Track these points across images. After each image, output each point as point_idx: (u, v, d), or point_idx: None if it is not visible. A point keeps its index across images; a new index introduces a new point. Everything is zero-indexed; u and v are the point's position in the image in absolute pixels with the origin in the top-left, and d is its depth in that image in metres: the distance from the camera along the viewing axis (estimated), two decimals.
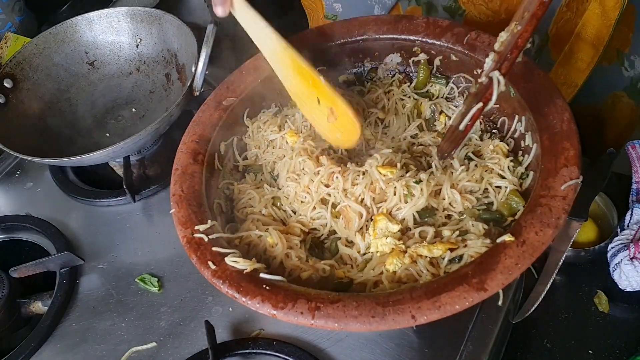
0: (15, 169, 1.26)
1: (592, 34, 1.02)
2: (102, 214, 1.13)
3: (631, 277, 0.91)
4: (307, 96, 0.92)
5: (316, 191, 0.89)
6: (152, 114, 1.24)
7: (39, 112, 1.23)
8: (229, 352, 0.87)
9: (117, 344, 0.93)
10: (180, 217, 0.84)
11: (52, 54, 1.26)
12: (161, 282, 0.99)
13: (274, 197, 0.94)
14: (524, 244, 0.70)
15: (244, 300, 0.73)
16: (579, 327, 0.94)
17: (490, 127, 0.97)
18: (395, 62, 1.07)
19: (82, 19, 1.27)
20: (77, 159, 1.03)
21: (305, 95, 0.92)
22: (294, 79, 0.92)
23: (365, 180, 0.87)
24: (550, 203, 0.73)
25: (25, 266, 1.02)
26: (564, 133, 0.79)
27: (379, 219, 0.83)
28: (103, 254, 1.06)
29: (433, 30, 1.01)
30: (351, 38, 1.06)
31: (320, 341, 0.86)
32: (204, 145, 0.95)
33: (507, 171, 0.86)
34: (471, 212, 0.84)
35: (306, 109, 0.96)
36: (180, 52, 1.22)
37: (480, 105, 0.76)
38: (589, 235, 1.01)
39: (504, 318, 0.84)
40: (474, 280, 0.68)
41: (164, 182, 1.12)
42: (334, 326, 0.68)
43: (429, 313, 0.67)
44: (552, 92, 0.84)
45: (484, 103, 0.76)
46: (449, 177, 0.86)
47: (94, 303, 0.99)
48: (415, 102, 1.02)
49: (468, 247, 0.76)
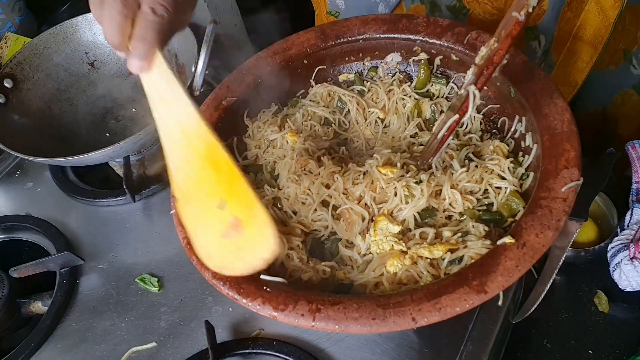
0: (15, 169, 1.26)
1: (590, 33, 1.02)
2: (102, 214, 1.13)
3: (631, 277, 0.91)
4: (206, 195, 0.72)
5: (317, 193, 0.89)
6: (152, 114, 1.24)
7: (39, 112, 1.23)
8: (229, 352, 0.87)
9: (117, 344, 0.93)
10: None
11: (52, 54, 1.26)
12: (161, 282, 1.00)
13: (274, 198, 0.94)
14: (525, 246, 0.70)
15: (244, 302, 0.73)
16: (579, 327, 0.94)
17: (490, 127, 0.97)
18: (396, 62, 1.07)
19: (82, 19, 1.27)
20: (77, 159, 1.03)
21: (202, 194, 0.72)
22: (198, 170, 0.71)
23: (365, 180, 0.87)
24: (551, 205, 0.73)
25: (25, 266, 1.02)
26: (564, 134, 0.79)
27: (379, 219, 0.83)
28: (103, 254, 1.06)
29: (433, 30, 1.01)
30: (351, 37, 1.06)
31: (320, 341, 0.86)
32: None
33: (507, 172, 0.86)
34: (471, 212, 0.84)
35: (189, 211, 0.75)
36: (180, 52, 1.22)
37: (456, 117, 0.78)
38: (589, 235, 1.01)
39: (504, 318, 0.84)
40: (474, 282, 0.68)
41: (164, 182, 1.12)
42: (335, 328, 0.68)
43: (430, 315, 0.67)
44: (553, 93, 0.84)
45: (460, 115, 0.77)
46: (449, 177, 0.86)
47: (94, 303, 1.00)
48: (415, 101, 1.02)
49: (468, 248, 0.76)
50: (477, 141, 0.94)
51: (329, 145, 1.00)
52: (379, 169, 0.87)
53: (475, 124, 0.97)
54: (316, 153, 0.95)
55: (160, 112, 0.71)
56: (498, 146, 0.90)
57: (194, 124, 0.70)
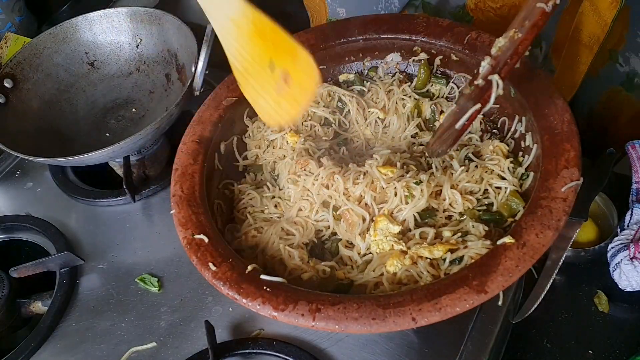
0: (15, 169, 1.26)
1: (585, 35, 1.03)
2: (102, 214, 1.13)
3: (631, 277, 0.91)
4: (259, 65, 0.83)
5: (317, 193, 0.89)
6: (152, 114, 1.24)
7: (39, 112, 1.22)
8: (229, 352, 0.87)
9: (117, 344, 0.93)
10: (181, 218, 0.84)
11: (52, 54, 1.26)
12: (161, 282, 0.99)
13: (274, 197, 0.94)
14: (525, 246, 0.70)
15: (244, 302, 0.73)
16: (579, 327, 0.94)
17: (490, 127, 0.97)
18: (396, 62, 1.07)
19: (82, 19, 1.27)
20: (77, 159, 1.03)
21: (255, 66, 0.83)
22: (247, 47, 0.83)
23: (366, 180, 0.87)
24: (551, 205, 0.73)
25: (25, 266, 1.02)
26: (564, 134, 0.79)
27: (379, 219, 0.83)
28: (103, 254, 1.06)
29: (433, 30, 1.01)
30: (351, 37, 1.06)
31: (320, 341, 0.86)
32: (204, 145, 0.95)
33: (507, 172, 0.86)
34: (471, 212, 0.84)
35: (251, 86, 0.86)
36: (180, 52, 1.22)
37: (478, 106, 0.77)
38: (589, 235, 1.01)
39: (504, 318, 0.84)
40: (474, 282, 0.68)
41: (164, 182, 1.12)
42: (335, 328, 0.69)
43: (430, 315, 0.67)
44: (553, 93, 0.84)
45: (482, 104, 0.77)
46: (449, 177, 0.86)
47: (94, 303, 0.99)
48: (415, 102, 1.02)
49: (468, 248, 0.76)
50: (477, 141, 0.95)
51: (329, 146, 1.00)
52: (379, 168, 0.87)
53: (475, 124, 0.97)
54: (316, 153, 0.95)
55: (214, 16, 0.82)
56: (498, 146, 0.90)
57: (238, 8, 0.80)
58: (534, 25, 0.71)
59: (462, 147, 0.92)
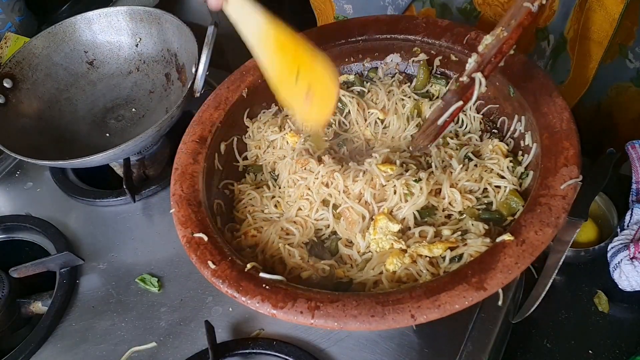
0: (15, 169, 1.26)
1: (593, 30, 1.02)
2: (102, 214, 1.13)
3: (631, 277, 0.91)
4: (288, 74, 0.85)
5: (317, 192, 0.89)
6: (152, 113, 1.24)
7: (39, 112, 1.23)
8: (229, 352, 0.87)
9: (117, 344, 0.93)
10: (180, 217, 0.84)
11: (51, 53, 1.26)
12: (161, 282, 0.99)
13: (274, 197, 0.94)
14: (524, 243, 0.70)
15: (243, 299, 0.73)
16: (579, 327, 0.94)
17: (490, 127, 0.97)
18: (395, 62, 1.07)
19: (82, 18, 1.27)
20: (78, 162, 1.03)
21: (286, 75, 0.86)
22: (276, 58, 0.86)
23: (365, 177, 0.87)
24: (550, 202, 0.73)
25: (25, 266, 1.02)
26: (563, 132, 0.80)
27: (379, 218, 0.83)
28: (103, 254, 1.06)
29: (433, 31, 1.01)
30: (351, 38, 1.06)
31: (320, 341, 0.86)
32: (204, 145, 0.95)
33: (507, 171, 0.86)
34: (471, 211, 0.84)
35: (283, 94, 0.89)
36: (180, 52, 1.22)
37: (460, 103, 0.78)
38: (589, 235, 1.01)
39: (504, 318, 0.84)
40: (473, 279, 0.68)
41: (164, 182, 1.12)
42: (334, 325, 0.68)
43: (429, 312, 0.67)
44: (552, 92, 0.84)
45: (464, 102, 0.77)
46: (448, 176, 0.86)
47: (94, 303, 0.99)
48: (415, 102, 1.02)
49: (468, 246, 0.76)
50: (476, 141, 0.95)
51: (329, 146, 1.00)
52: (378, 166, 0.87)
53: (474, 123, 0.97)
54: (316, 153, 0.95)
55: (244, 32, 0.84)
56: (497, 145, 0.90)
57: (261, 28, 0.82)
58: (520, 25, 0.71)
59: (461, 147, 0.93)
